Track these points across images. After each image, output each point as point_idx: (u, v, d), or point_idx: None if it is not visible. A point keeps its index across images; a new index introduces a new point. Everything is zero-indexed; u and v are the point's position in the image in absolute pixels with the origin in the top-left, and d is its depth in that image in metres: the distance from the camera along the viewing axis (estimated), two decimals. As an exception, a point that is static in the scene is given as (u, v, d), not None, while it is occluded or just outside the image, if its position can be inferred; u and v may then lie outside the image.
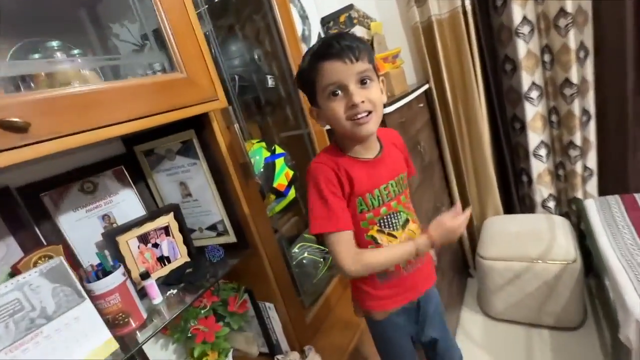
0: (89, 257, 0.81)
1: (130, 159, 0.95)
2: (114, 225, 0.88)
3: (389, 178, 0.76)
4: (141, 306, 0.73)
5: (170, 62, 0.67)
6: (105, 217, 0.87)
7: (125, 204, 0.91)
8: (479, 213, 1.99)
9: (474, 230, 2.02)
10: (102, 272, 0.68)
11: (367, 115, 0.67)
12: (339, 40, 0.64)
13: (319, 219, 0.70)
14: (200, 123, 0.83)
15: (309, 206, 0.73)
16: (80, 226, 0.81)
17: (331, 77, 0.65)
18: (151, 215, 0.85)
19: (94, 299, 0.65)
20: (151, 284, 0.76)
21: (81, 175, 0.84)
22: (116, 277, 0.68)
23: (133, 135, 0.90)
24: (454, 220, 0.72)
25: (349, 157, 0.73)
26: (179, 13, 0.68)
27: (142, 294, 0.77)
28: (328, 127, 0.75)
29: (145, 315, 0.72)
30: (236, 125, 0.85)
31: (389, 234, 0.76)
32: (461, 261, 2.05)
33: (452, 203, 1.93)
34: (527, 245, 1.60)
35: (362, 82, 0.67)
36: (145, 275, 0.76)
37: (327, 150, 0.77)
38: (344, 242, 0.70)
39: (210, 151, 0.86)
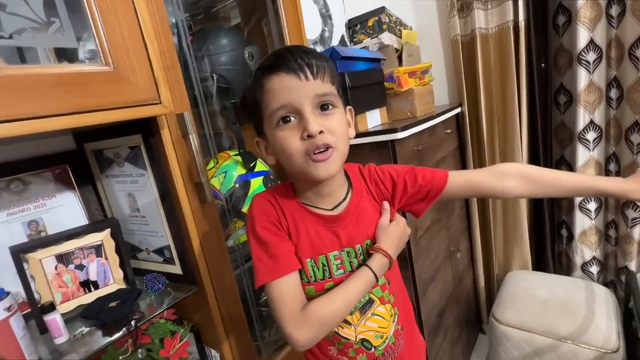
0: (3, 272, 0.68)
1: (80, 158, 0.82)
2: (42, 234, 0.74)
3: (341, 245, 0.56)
4: (30, 349, 0.58)
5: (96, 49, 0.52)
6: (32, 223, 0.74)
7: (63, 209, 0.78)
8: (503, 262, 1.71)
9: (492, 282, 1.74)
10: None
11: (325, 151, 0.49)
12: (294, 52, 0.48)
13: (260, 270, 0.53)
14: (149, 128, 0.68)
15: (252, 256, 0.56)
16: (-6, 232, 0.69)
17: (281, 97, 0.48)
18: (79, 231, 0.71)
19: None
20: (52, 319, 0.61)
21: (11, 171, 0.72)
22: (-6, 313, 0.54)
23: (85, 129, 0.77)
24: (397, 222, 0.60)
25: (298, 203, 0.57)
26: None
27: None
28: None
29: (29, 362, 0.58)
30: (192, 137, 0.69)
31: None
32: (473, 314, 1.77)
33: (471, 248, 1.66)
34: (556, 316, 1.31)
35: (322, 107, 0.49)
36: (48, 308, 0.61)
37: (277, 188, 0.60)
38: (287, 297, 0.51)
39: (158, 164, 0.70)
